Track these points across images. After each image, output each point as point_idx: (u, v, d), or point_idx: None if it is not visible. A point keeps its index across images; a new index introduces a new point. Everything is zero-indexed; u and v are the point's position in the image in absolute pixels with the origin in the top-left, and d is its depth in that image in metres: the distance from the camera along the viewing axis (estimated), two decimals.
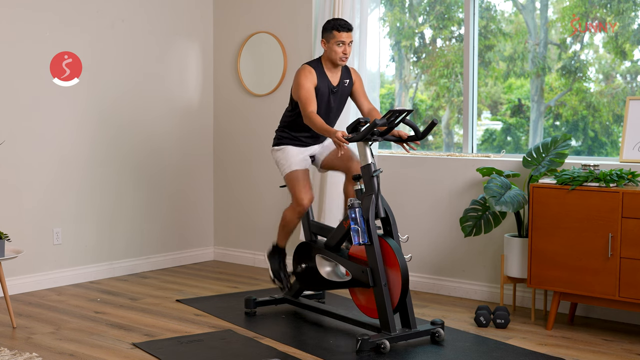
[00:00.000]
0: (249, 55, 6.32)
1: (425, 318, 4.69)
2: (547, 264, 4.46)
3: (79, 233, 5.69)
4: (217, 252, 6.64)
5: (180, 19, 6.31)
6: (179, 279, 5.87)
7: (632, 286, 4.19)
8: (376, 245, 4.16)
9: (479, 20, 5.47)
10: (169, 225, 6.30)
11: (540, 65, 5.42)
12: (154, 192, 6.17)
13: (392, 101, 6.16)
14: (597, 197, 4.28)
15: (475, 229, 4.87)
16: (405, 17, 6.04)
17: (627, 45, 5.09)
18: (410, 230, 5.40)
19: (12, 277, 5.26)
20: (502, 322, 4.53)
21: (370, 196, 4.23)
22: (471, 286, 5.27)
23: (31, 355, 3.93)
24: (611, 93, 5.20)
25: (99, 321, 4.65)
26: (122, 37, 5.91)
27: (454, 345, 4.19)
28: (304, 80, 4.51)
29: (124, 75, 5.93)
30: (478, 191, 5.16)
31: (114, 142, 5.88)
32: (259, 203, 6.33)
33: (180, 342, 4.21)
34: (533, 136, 5.49)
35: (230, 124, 6.48)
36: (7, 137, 5.21)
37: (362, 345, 4.00)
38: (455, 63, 5.70)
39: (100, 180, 5.80)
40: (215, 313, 4.83)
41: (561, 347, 4.20)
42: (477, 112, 5.50)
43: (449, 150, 5.81)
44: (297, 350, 4.11)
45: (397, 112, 4.23)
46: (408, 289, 4.15)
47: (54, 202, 5.53)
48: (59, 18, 5.51)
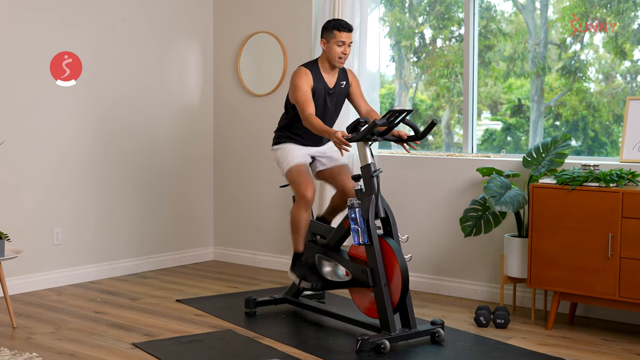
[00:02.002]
0: (249, 55, 6.31)
1: (425, 318, 4.69)
2: (547, 264, 4.46)
3: (79, 233, 5.69)
4: (217, 252, 6.64)
5: (180, 19, 6.31)
6: (179, 279, 5.87)
7: (632, 286, 4.18)
8: (376, 245, 4.16)
9: (479, 20, 5.47)
10: (169, 225, 6.30)
11: (540, 65, 5.42)
12: (154, 192, 6.17)
13: (392, 101, 6.16)
14: (597, 197, 4.28)
15: (475, 229, 4.87)
16: (405, 17, 6.04)
17: (627, 45, 5.09)
18: (410, 230, 5.40)
19: (12, 277, 5.26)
20: (502, 322, 4.53)
21: (370, 196, 4.22)
22: (471, 286, 5.27)
23: (31, 355, 3.93)
24: (611, 93, 5.20)
25: (99, 321, 4.65)
26: (122, 37, 5.91)
27: (454, 345, 4.19)
28: (300, 82, 4.49)
29: (124, 75, 5.93)
30: (478, 191, 5.16)
31: (114, 141, 5.88)
32: (259, 203, 6.32)
33: (180, 342, 4.21)
34: (533, 136, 5.49)
35: (230, 123, 6.48)
36: (7, 137, 5.21)
37: (362, 345, 4.00)
38: (455, 63, 5.70)
39: (100, 180, 5.80)
40: (215, 313, 4.83)
41: (561, 347, 4.20)
42: (477, 112, 5.50)
43: (449, 150, 5.80)
44: (297, 350, 4.11)
45: (397, 112, 4.22)
46: (408, 289, 4.15)
47: (53, 202, 5.53)
48: (59, 18, 5.51)
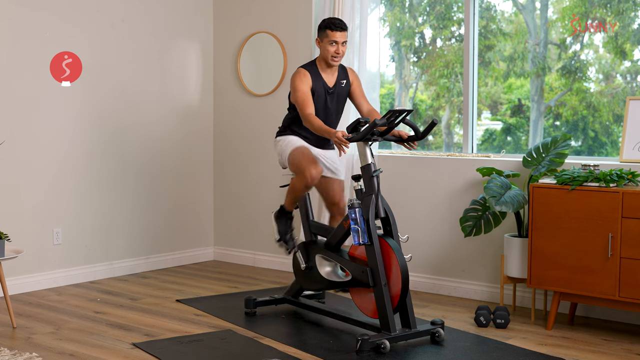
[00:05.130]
0: (249, 56, 6.31)
1: (425, 318, 4.69)
2: (547, 264, 4.46)
3: (79, 233, 5.69)
4: (217, 252, 6.64)
5: (180, 19, 6.31)
6: (179, 279, 5.87)
7: (632, 286, 4.19)
8: (376, 245, 4.16)
9: (479, 20, 5.47)
10: (169, 225, 6.30)
11: (540, 65, 5.42)
12: (154, 191, 6.17)
13: (392, 101, 6.16)
14: (597, 197, 4.28)
15: (475, 229, 4.87)
16: (405, 17, 6.04)
17: (627, 45, 5.09)
18: (410, 230, 5.40)
19: (12, 277, 5.26)
20: (502, 322, 4.53)
21: (370, 196, 4.22)
22: (471, 286, 5.27)
23: (31, 355, 3.93)
24: (611, 93, 5.20)
25: (99, 321, 4.65)
26: (122, 37, 5.91)
27: (454, 345, 4.19)
28: (299, 83, 4.50)
29: (124, 75, 5.93)
30: (478, 191, 5.16)
31: (114, 141, 5.88)
32: (259, 203, 6.32)
33: (180, 342, 4.21)
34: (533, 136, 5.49)
35: (230, 123, 6.48)
36: (7, 137, 5.21)
37: (362, 345, 4.00)
38: (455, 63, 5.69)
39: (100, 180, 5.80)
40: (215, 313, 4.83)
41: (561, 347, 4.20)
42: (477, 112, 5.50)
43: (449, 150, 5.80)
44: (297, 350, 4.11)
45: (397, 112, 4.22)
46: (408, 289, 4.15)
47: (54, 202, 5.52)
48: (59, 18, 5.51)
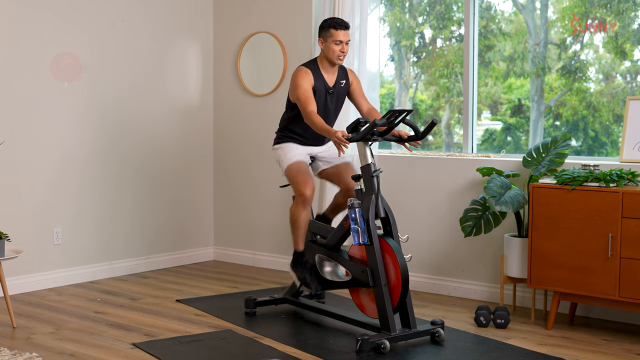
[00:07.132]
0: (249, 56, 6.31)
1: (425, 318, 4.69)
2: (547, 264, 4.46)
3: (79, 233, 5.69)
4: (217, 252, 6.64)
5: (180, 19, 6.31)
6: (179, 279, 5.87)
7: (632, 286, 4.18)
8: (376, 245, 4.16)
9: (479, 20, 5.46)
10: (169, 225, 6.30)
11: (540, 65, 5.42)
12: (154, 191, 6.17)
13: (392, 101, 6.15)
14: (597, 197, 4.28)
15: (475, 229, 4.87)
16: (405, 17, 6.04)
17: (627, 45, 5.08)
18: (410, 230, 5.40)
19: (12, 277, 5.26)
20: (502, 322, 4.53)
21: (370, 196, 4.22)
22: (471, 286, 5.27)
23: (31, 355, 3.93)
24: (611, 93, 5.20)
25: (99, 321, 4.65)
26: (122, 37, 5.91)
27: (454, 345, 4.19)
28: (301, 80, 4.50)
29: (124, 75, 5.93)
30: (478, 191, 5.16)
31: (114, 141, 5.88)
32: (259, 203, 6.32)
33: (180, 342, 4.21)
34: (533, 136, 5.49)
35: (230, 123, 6.48)
36: (7, 137, 5.21)
37: (362, 345, 4.00)
38: (455, 63, 5.69)
39: (100, 180, 5.80)
40: (215, 313, 4.83)
41: (561, 347, 4.20)
42: (477, 112, 5.50)
43: (449, 150, 5.80)
44: (297, 350, 4.11)
45: (397, 112, 4.22)
46: (408, 289, 4.15)
47: (54, 202, 5.52)
48: (59, 18, 5.50)
